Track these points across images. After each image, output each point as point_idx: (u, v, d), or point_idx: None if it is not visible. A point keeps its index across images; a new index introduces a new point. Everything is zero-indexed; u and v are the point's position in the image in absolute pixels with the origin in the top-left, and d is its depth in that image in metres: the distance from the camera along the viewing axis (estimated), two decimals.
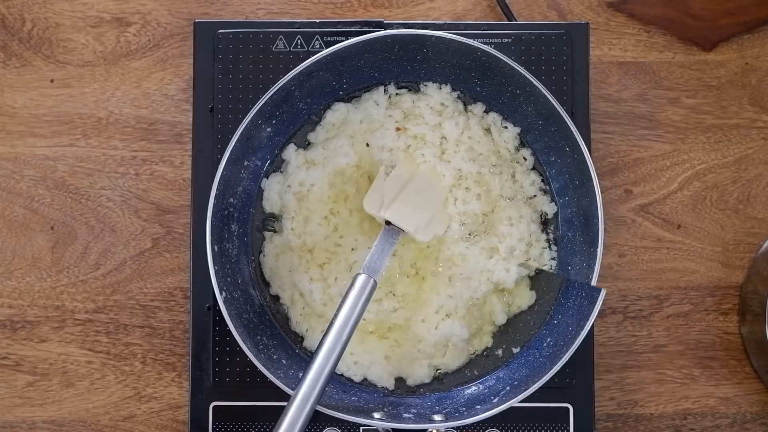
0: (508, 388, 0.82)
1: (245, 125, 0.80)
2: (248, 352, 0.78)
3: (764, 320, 0.87)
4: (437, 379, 0.87)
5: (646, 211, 0.92)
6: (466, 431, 0.85)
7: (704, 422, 0.90)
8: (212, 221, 0.80)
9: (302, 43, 0.88)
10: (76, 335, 0.90)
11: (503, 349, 0.87)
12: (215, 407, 0.86)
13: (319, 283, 0.86)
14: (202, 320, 0.86)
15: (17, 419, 0.89)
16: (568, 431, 0.86)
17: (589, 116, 0.88)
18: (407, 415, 0.82)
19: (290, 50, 0.88)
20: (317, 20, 0.89)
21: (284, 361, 0.83)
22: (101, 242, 0.91)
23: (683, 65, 0.93)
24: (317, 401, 0.74)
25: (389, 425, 0.79)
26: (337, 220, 0.86)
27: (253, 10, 0.93)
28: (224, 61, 0.87)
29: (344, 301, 0.77)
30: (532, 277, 0.87)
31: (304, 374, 0.74)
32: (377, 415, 0.80)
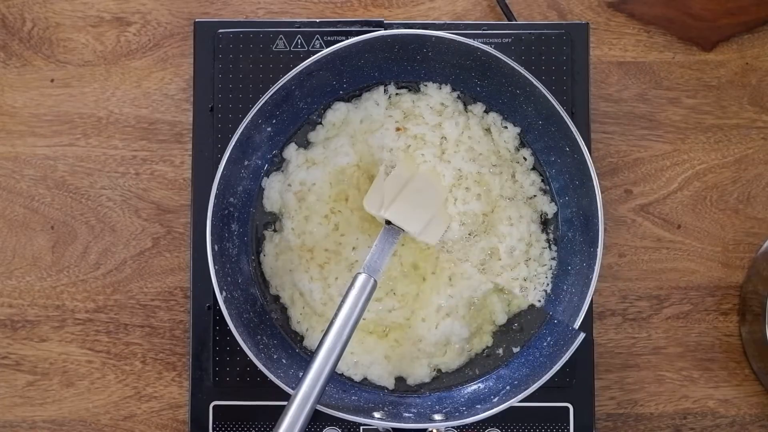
0: (508, 387, 0.82)
1: (245, 125, 0.80)
2: (248, 351, 0.78)
3: (764, 320, 0.87)
4: (437, 378, 0.87)
5: (646, 211, 0.92)
6: (466, 431, 0.85)
7: (704, 423, 0.90)
8: (212, 221, 0.80)
9: (302, 42, 0.88)
10: (76, 335, 0.90)
11: (503, 348, 0.87)
12: (215, 407, 0.86)
13: (319, 282, 0.86)
14: (202, 320, 0.86)
15: (17, 419, 0.89)
16: (568, 430, 0.86)
17: (589, 116, 0.88)
18: (407, 414, 0.82)
19: (290, 50, 0.88)
20: (317, 20, 0.89)
21: (284, 360, 0.83)
22: (101, 242, 0.91)
23: (683, 65, 0.93)
24: (317, 401, 0.74)
25: (389, 425, 0.79)
26: (337, 219, 0.86)
27: (253, 9, 0.93)
28: (224, 60, 0.87)
29: (344, 300, 0.78)
30: None
31: (304, 374, 0.74)
32: (377, 414, 0.80)
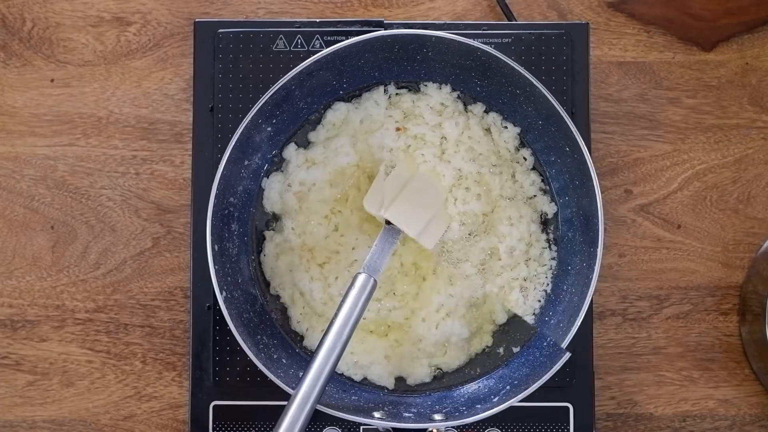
0: (508, 387, 0.82)
1: (245, 125, 0.80)
2: (248, 351, 0.78)
3: (764, 320, 0.87)
4: (437, 378, 0.87)
5: (646, 211, 0.92)
6: (466, 431, 0.85)
7: (703, 424, 0.90)
8: (212, 221, 0.80)
9: (302, 42, 0.88)
10: (76, 335, 0.90)
11: (503, 348, 0.87)
12: (215, 407, 0.86)
13: (319, 282, 0.86)
14: (202, 320, 0.86)
15: (17, 419, 0.89)
16: (568, 430, 0.86)
17: (589, 116, 0.88)
18: (407, 414, 0.82)
19: (290, 50, 0.88)
20: (317, 20, 0.89)
21: (284, 360, 0.83)
22: (101, 242, 0.91)
23: (683, 65, 0.93)
24: (317, 400, 0.74)
25: (389, 424, 0.79)
26: (337, 219, 0.86)
27: (253, 9, 0.93)
28: (224, 60, 0.87)
29: (344, 300, 0.77)
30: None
31: (304, 373, 0.74)
32: (377, 414, 0.80)
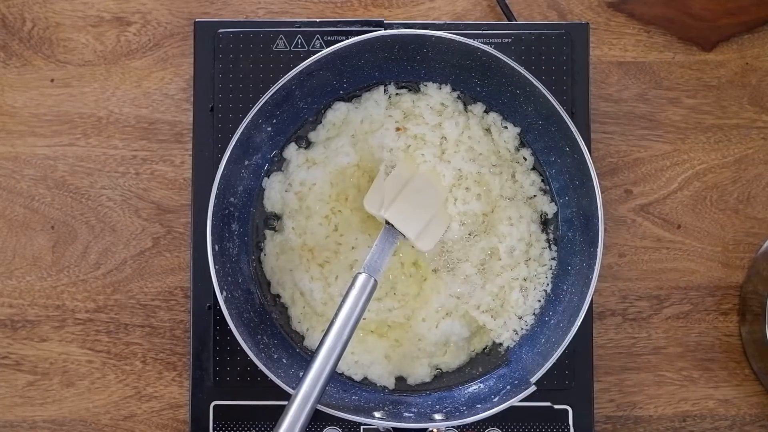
0: (508, 387, 0.82)
1: (245, 125, 0.80)
2: (249, 351, 0.78)
3: (764, 320, 0.87)
4: (438, 378, 0.87)
5: (646, 211, 0.92)
6: (466, 431, 0.85)
7: (703, 424, 0.90)
8: (213, 220, 0.80)
9: (302, 42, 0.88)
10: (76, 335, 0.90)
11: (504, 348, 0.87)
12: (216, 406, 0.86)
13: (319, 282, 0.86)
14: (202, 319, 0.86)
15: (18, 419, 0.89)
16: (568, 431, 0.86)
17: (589, 116, 0.88)
18: (408, 414, 0.82)
19: (290, 50, 0.88)
20: (317, 20, 0.89)
21: (285, 360, 0.83)
22: (101, 242, 0.91)
23: (683, 65, 0.93)
24: (318, 400, 0.74)
25: (390, 424, 0.79)
26: (337, 219, 0.86)
27: (253, 9, 0.93)
28: (224, 60, 0.87)
29: (345, 300, 0.77)
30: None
31: (304, 373, 0.74)
32: (378, 414, 0.80)
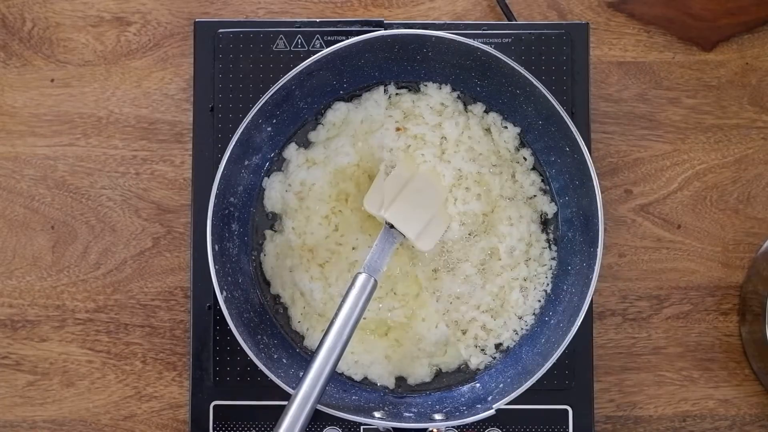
0: (508, 387, 0.81)
1: (246, 125, 0.80)
2: (249, 351, 0.78)
3: (764, 320, 0.87)
4: (438, 378, 0.87)
5: (646, 211, 0.92)
6: (466, 431, 0.85)
7: (703, 424, 0.90)
8: (213, 221, 0.80)
9: (302, 42, 0.88)
10: (76, 335, 0.90)
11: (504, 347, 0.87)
12: (216, 406, 0.86)
13: (319, 282, 0.86)
14: (202, 319, 0.86)
15: (18, 419, 0.89)
16: None
17: (589, 116, 0.88)
18: (408, 414, 0.82)
19: (290, 50, 0.88)
20: (317, 20, 0.89)
21: (285, 360, 0.83)
22: (102, 242, 0.91)
23: (683, 65, 0.93)
24: (318, 400, 0.74)
25: (390, 424, 0.79)
26: (337, 219, 0.86)
27: (253, 9, 0.93)
28: (224, 60, 0.87)
29: (345, 300, 0.77)
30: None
31: (304, 373, 0.74)
32: (378, 414, 0.80)
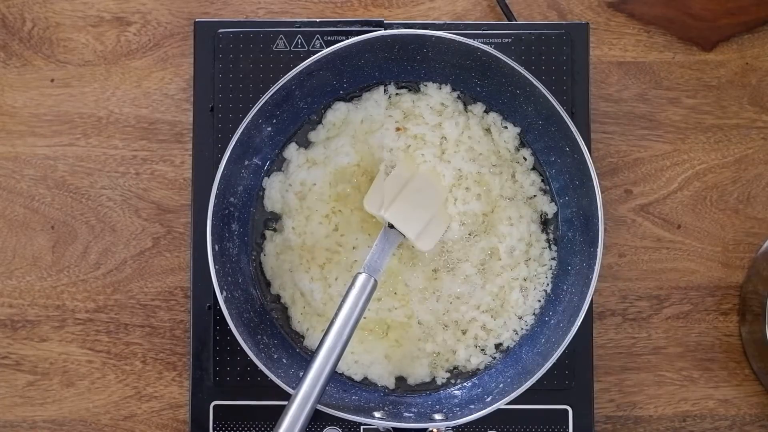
0: (508, 387, 0.81)
1: (246, 125, 0.80)
2: (249, 351, 0.78)
3: (764, 320, 0.87)
4: (437, 378, 0.87)
5: (646, 211, 0.92)
6: (466, 431, 0.85)
7: (703, 424, 0.90)
8: (213, 221, 0.80)
9: (303, 42, 0.88)
10: (76, 335, 0.90)
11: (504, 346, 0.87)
12: (216, 406, 0.86)
13: (319, 282, 0.86)
14: (202, 320, 0.86)
15: (18, 419, 0.89)
16: None
17: (589, 116, 0.88)
18: (408, 414, 0.81)
19: (290, 50, 0.88)
20: (317, 20, 0.89)
21: (285, 360, 0.83)
22: (102, 242, 0.91)
23: (683, 65, 0.93)
24: (318, 400, 0.74)
25: (390, 424, 0.79)
26: (337, 219, 0.86)
27: (253, 9, 0.93)
28: (224, 60, 0.87)
29: (345, 300, 0.77)
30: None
31: (304, 373, 0.74)
32: (378, 414, 0.80)
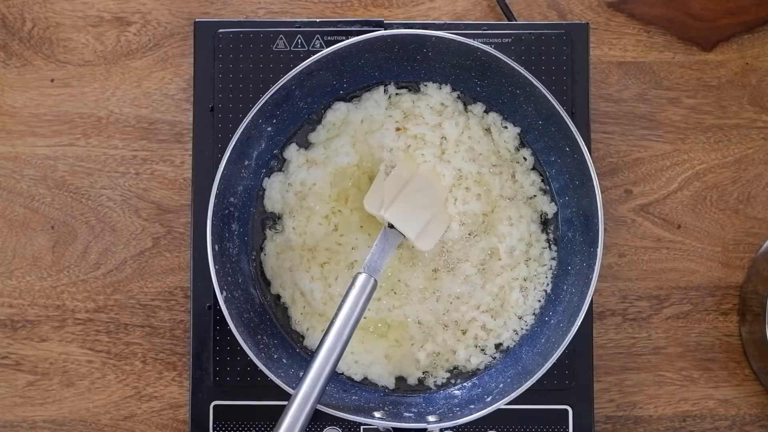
0: (508, 387, 0.81)
1: (246, 125, 0.80)
2: (249, 351, 0.78)
3: (764, 320, 0.87)
4: (437, 378, 0.87)
5: (646, 211, 0.92)
6: (466, 431, 0.85)
7: (703, 424, 0.90)
8: (213, 220, 0.80)
9: (302, 42, 0.88)
10: (76, 335, 0.90)
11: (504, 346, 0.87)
12: (216, 406, 0.86)
13: (319, 282, 0.86)
14: (202, 319, 0.86)
15: (18, 419, 0.89)
16: None
17: (589, 116, 0.88)
18: (408, 414, 0.81)
19: (290, 50, 0.88)
20: (317, 20, 0.89)
21: (285, 360, 0.83)
22: (102, 242, 0.91)
23: (683, 65, 0.93)
24: (318, 400, 0.74)
25: (390, 424, 0.79)
26: (337, 219, 0.86)
27: (253, 9, 0.93)
28: (224, 60, 0.87)
29: (345, 300, 0.77)
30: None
31: (304, 373, 0.74)
32: (378, 414, 0.80)
